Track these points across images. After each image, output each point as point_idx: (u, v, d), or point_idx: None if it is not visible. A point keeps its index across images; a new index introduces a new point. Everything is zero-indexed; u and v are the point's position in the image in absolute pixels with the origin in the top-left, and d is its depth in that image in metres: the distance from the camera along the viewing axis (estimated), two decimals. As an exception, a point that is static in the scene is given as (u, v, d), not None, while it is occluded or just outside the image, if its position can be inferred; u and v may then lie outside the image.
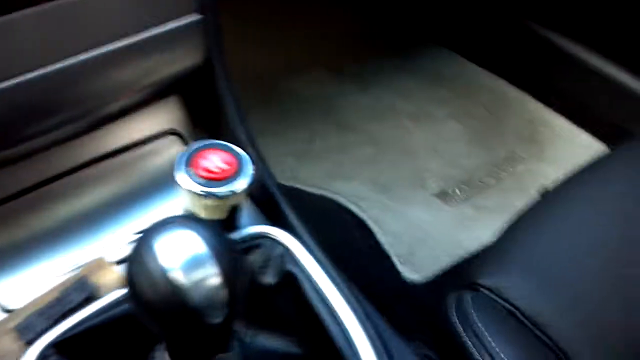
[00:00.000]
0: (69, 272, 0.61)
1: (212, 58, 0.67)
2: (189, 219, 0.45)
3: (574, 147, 1.38)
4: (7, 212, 0.62)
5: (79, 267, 0.62)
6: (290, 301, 0.61)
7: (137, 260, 0.42)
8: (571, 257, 0.72)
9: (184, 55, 0.66)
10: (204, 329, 0.43)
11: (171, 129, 0.70)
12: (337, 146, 1.36)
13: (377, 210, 1.20)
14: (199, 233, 0.43)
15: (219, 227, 0.45)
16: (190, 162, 0.61)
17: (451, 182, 1.28)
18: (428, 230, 1.17)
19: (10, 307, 0.59)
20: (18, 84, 0.55)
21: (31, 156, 0.63)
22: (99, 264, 0.61)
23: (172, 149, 0.70)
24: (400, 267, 1.10)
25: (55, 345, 0.53)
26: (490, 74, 1.55)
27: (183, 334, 0.44)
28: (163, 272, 0.41)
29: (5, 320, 0.57)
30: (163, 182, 0.68)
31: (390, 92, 1.48)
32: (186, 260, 0.41)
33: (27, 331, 0.56)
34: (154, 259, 0.41)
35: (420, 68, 1.56)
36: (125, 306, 0.57)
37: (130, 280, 0.43)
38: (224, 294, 0.43)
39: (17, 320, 0.57)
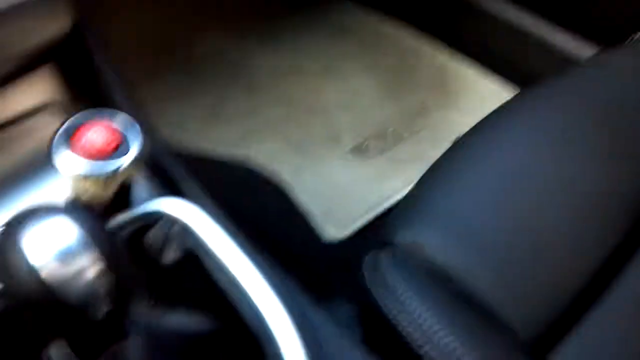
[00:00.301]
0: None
1: (81, 24, 0.61)
2: (55, 207, 0.40)
3: (484, 95, 1.39)
4: None
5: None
6: (196, 278, 0.57)
7: (4, 261, 0.38)
8: (484, 204, 0.71)
9: (50, 20, 0.59)
10: (91, 323, 0.39)
11: (49, 100, 0.64)
12: (247, 108, 1.31)
13: (292, 170, 1.17)
14: (68, 222, 0.38)
15: (91, 212, 0.41)
16: (68, 139, 0.55)
17: (365, 136, 1.26)
18: (345, 187, 1.16)
19: None
20: None
21: None
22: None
23: (53, 123, 0.64)
24: (320, 226, 1.08)
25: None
26: (397, 23, 1.52)
27: (70, 331, 0.40)
28: (33, 272, 0.36)
29: None
30: (43, 162, 0.62)
31: (295, 50, 1.44)
32: (57, 256, 0.37)
33: None
34: (22, 258, 0.37)
35: (323, 22, 1.52)
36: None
37: (2, 283, 0.38)
38: (107, 280, 0.39)
39: None
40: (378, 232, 0.79)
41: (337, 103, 1.33)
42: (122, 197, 0.59)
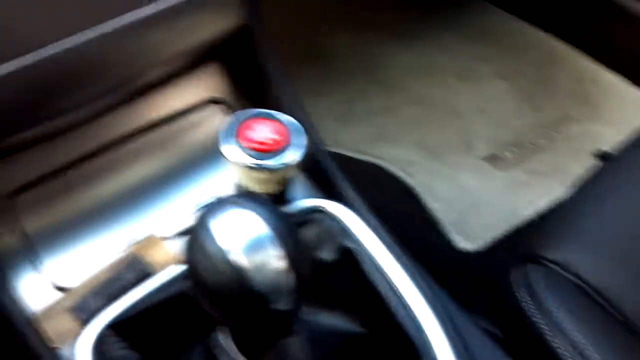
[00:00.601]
0: (120, 249, 0.60)
1: (250, 21, 0.63)
2: (247, 198, 0.42)
3: (628, 106, 1.31)
4: (53, 189, 0.60)
5: (130, 245, 0.60)
6: (349, 278, 0.58)
7: (195, 243, 0.40)
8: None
9: (220, 18, 0.62)
10: (269, 315, 0.41)
11: (214, 97, 0.67)
12: (380, 107, 1.31)
13: (425, 175, 1.16)
14: (259, 213, 0.40)
15: (279, 206, 0.42)
16: (237, 132, 0.57)
17: (500, 144, 1.23)
18: (479, 196, 1.13)
19: (64, 286, 0.58)
20: (54, 54, 0.52)
21: (74, 129, 0.61)
22: (150, 241, 0.59)
23: (216, 118, 0.67)
24: (453, 236, 1.06)
25: (112, 326, 0.52)
26: (537, 30, 1.47)
27: (246, 320, 0.42)
28: (223, 255, 0.38)
29: (60, 300, 0.56)
30: (209, 154, 0.66)
31: (434, 49, 1.42)
32: (247, 242, 0.39)
33: (83, 311, 0.54)
34: (212, 240, 0.39)
35: (463, 24, 1.49)
36: (182, 283, 0.55)
37: (190, 266, 0.41)
38: (290, 279, 0.40)
39: (73, 299, 0.55)
40: (517, 245, 0.77)
41: (471, 107, 1.30)
42: (282, 192, 0.62)
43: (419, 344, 0.52)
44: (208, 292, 0.40)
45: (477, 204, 1.12)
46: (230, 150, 0.56)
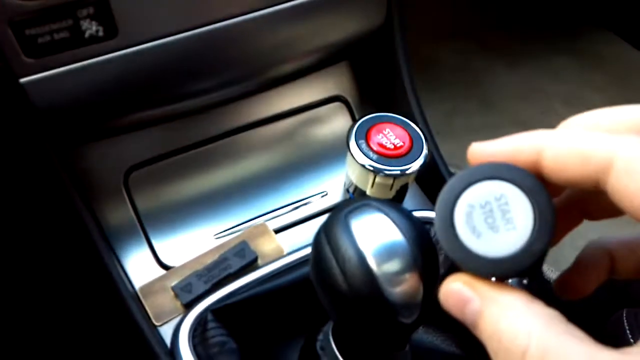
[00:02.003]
0: (228, 235, 0.59)
1: (393, 21, 0.61)
2: (391, 206, 0.40)
3: None
4: (168, 169, 0.60)
5: (239, 231, 0.59)
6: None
7: (331, 240, 0.38)
8: None
9: (362, 16, 0.61)
10: (392, 326, 0.39)
11: (338, 95, 0.66)
12: (479, 124, 1.27)
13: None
14: (402, 224, 0.38)
15: (415, 220, 0.40)
16: (366, 134, 0.56)
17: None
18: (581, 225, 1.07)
19: (169, 264, 0.58)
20: (190, 37, 0.52)
21: (198, 113, 0.61)
22: (260, 230, 0.59)
23: (337, 116, 0.66)
24: (545, 266, 1.01)
25: (213, 310, 0.52)
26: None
27: (367, 328, 0.40)
28: (360, 258, 0.37)
29: (163, 277, 0.56)
30: (327, 151, 0.65)
31: (542, 72, 1.37)
32: (387, 250, 0.37)
33: (186, 292, 0.54)
34: (352, 241, 0.37)
35: (576, 49, 1.43)
36: (287, 278, 0.54)
37: (317, 263, 0.39)
38: (421, 293, 0.38)
39: (176, 279, 0.55)
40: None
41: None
42: (396, 199, 0.60)
43: None
44: (332, 291, 0.38)
45: (570, 234, 1.06)
46: (358, 151, 0.55)
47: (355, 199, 0.41)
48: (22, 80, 0.49)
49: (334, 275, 0.37)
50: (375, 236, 0.37)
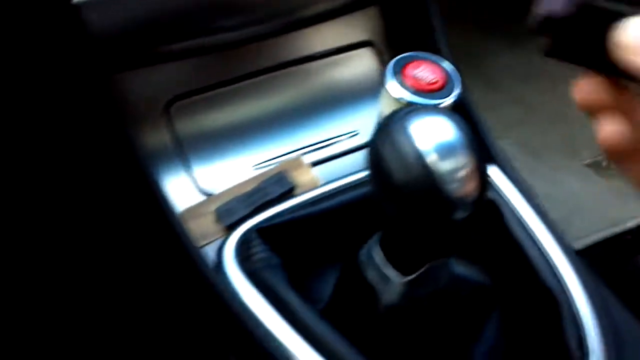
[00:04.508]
0: (265, 167, 0.61)
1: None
2: (440, 109, 0.42)
3: None
4: (209, 101, 0.62)
5: (275, 164, 0.61)
6: (486, 230, 0.58)
7: (389, 142, 0.40)
8: None
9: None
10: (448, 223, 0.41)
11: (367, 40, 0.68)
12: (484, 104, 1.30)
13: (526, 173, 1.14)
14: (455, 122, 0.40)
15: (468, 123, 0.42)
16: (399, 70, 0.59)
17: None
18: (581, 200, 1.10)
19: (209, 191, 0.59)
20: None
21: (235, 48, 0.62)
22: (296, 163, 0.60)
23: (366, 59, 0.68)
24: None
25: (257, 230, 0.53)
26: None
27: (424, 225, 0.41)
28: (419, 156, 0.39)
29: (205, 203, 0.58)
30: (357, 92, 0.67)
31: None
32: (443, 147, 0.39)
33: (228, 215, 0.56)
34: (410, 141, 0.39)
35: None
36: (325, 204, 0.56)
37: (378, 161, 0.41)
38: (477, 188, 0.40)
39: (217, 203, 0.57)
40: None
41: (578, 115, 1.27)
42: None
43: (560, 298, 0.51)
44: (390, 186, 0.40)
45: (580, 208, 1.09)
46: (395, 84, 0.57)
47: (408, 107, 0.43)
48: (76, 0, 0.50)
49: (393, 170, 0.39)
50: (434, 133, 0.39)
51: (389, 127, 0.41)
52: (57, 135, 0.54)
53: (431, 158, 0.39)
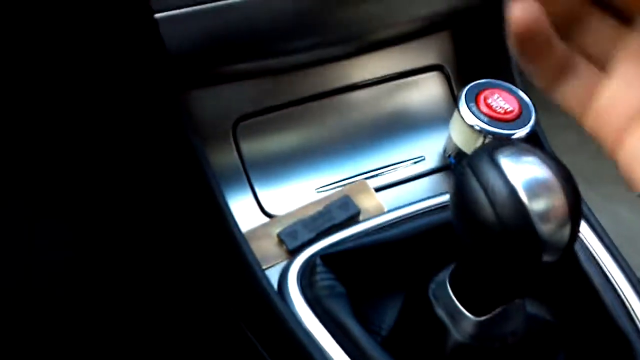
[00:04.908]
0: (329, 190, 0.60)
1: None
2: (533, 147, 0.40)
3: None
4: (274, 122, 0.61)
5: (339, 187, 0.60)
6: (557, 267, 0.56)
7: (477, 174, 0.39)
8: None
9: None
10: (534, 266, 0.39)
11: (436, 64, 0.67)
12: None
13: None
14: (548, 160, 0.39)
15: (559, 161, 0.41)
16: (473, 97, 0.57)
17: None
18: (634, 231, 1.07)
19: (271, 213, 0.58)
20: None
21: (304, 70, 0.62)
22: (361, 187, 0.59)
23: (435, 84, 0.67)
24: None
25: (322, 256, 0.52)
26: None
27: (509, 265, 0.40)
28: (511, 192, 0.37)
29: (268, 225, 0.57)
30: (425, 117, 0.65)
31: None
32: (539, 184, 0.37)
33: (292, 239, 0.55)
34: (502, 175, 0.38)
35: None
36: (391, 233, 0.55)
37: (462, 195, 0.39)
38: (567, 232, 0.38)
39: (280, 226, 0.56)
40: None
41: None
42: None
43: (635, 343, 0.49)
44: (477, 223, 0.38)
45: (633, 238, 1.06)
46: (468, 112, 0.56)
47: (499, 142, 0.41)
48: (157, 15, 0.50)
49: (482, 207, 0.38)
50: (526, 171, 0.38)
51: (478, 160, 0.39)
52: (131, 146, 0.54)
53: (524, 195, 0.37)
